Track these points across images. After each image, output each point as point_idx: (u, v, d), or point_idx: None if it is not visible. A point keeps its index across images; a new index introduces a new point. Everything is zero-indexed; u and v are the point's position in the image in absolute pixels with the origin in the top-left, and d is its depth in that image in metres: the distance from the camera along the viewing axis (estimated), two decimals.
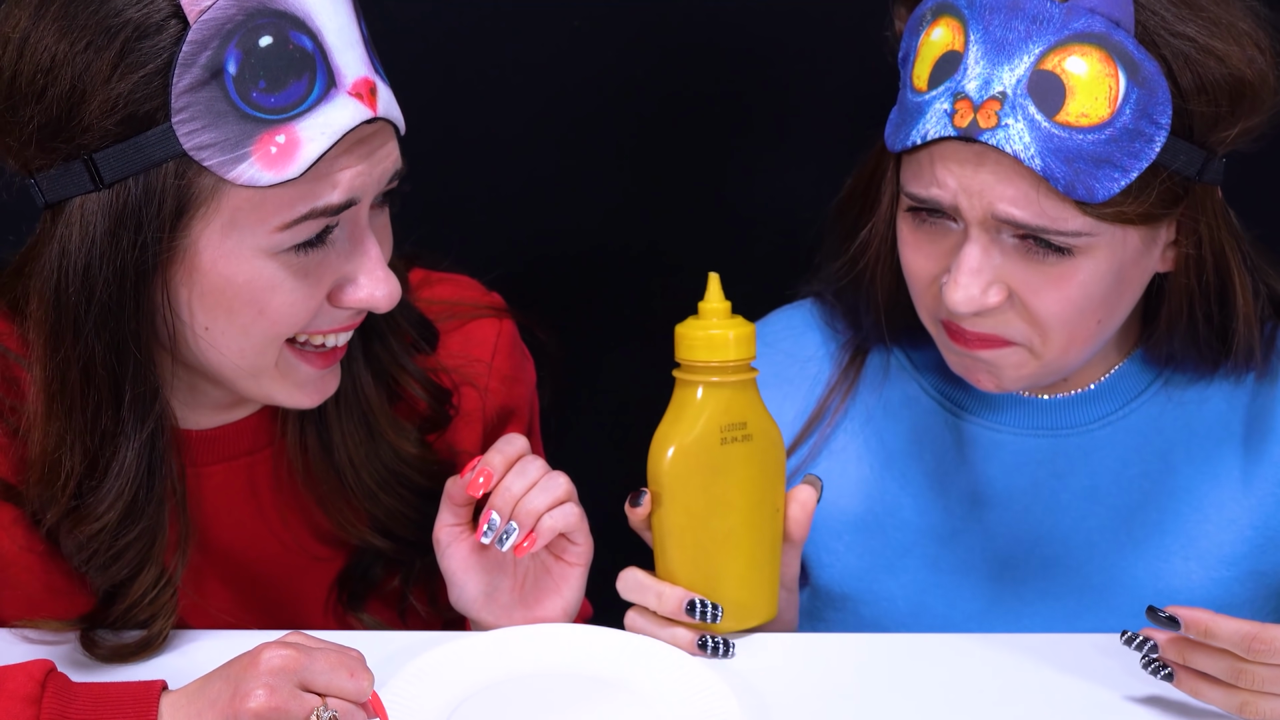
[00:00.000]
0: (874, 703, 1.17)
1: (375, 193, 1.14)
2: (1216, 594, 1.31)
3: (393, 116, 1.13)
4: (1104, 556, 1.33)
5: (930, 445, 1.36)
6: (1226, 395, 1.32)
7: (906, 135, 1.19)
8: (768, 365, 1.34)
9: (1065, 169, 1.13)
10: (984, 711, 1.16)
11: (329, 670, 1.03)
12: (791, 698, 1.16)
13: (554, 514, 1.18)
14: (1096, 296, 1.19)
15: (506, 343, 1.33)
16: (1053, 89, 1.13)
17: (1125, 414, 1.33)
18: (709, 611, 1.19)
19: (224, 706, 1.02)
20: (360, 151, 1.11)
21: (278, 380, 1.17)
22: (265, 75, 1.06)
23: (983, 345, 1.22)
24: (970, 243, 1.19)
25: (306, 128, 1.07)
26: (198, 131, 1.06)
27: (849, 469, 1.37)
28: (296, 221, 1.09)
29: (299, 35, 1.07)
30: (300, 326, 1.14)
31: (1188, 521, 1.32)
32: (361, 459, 1.25)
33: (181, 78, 1.05)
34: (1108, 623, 1.31)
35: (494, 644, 1.19)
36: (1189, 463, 1.32)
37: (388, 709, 1.09)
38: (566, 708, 1.14)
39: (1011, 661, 1.21)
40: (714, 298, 1.18)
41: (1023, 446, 1.33)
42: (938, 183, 1.18)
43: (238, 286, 1.11)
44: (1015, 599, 1.34)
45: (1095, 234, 1.16)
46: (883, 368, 1.37)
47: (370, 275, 1.14)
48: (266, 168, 1.07)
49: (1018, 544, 1.34)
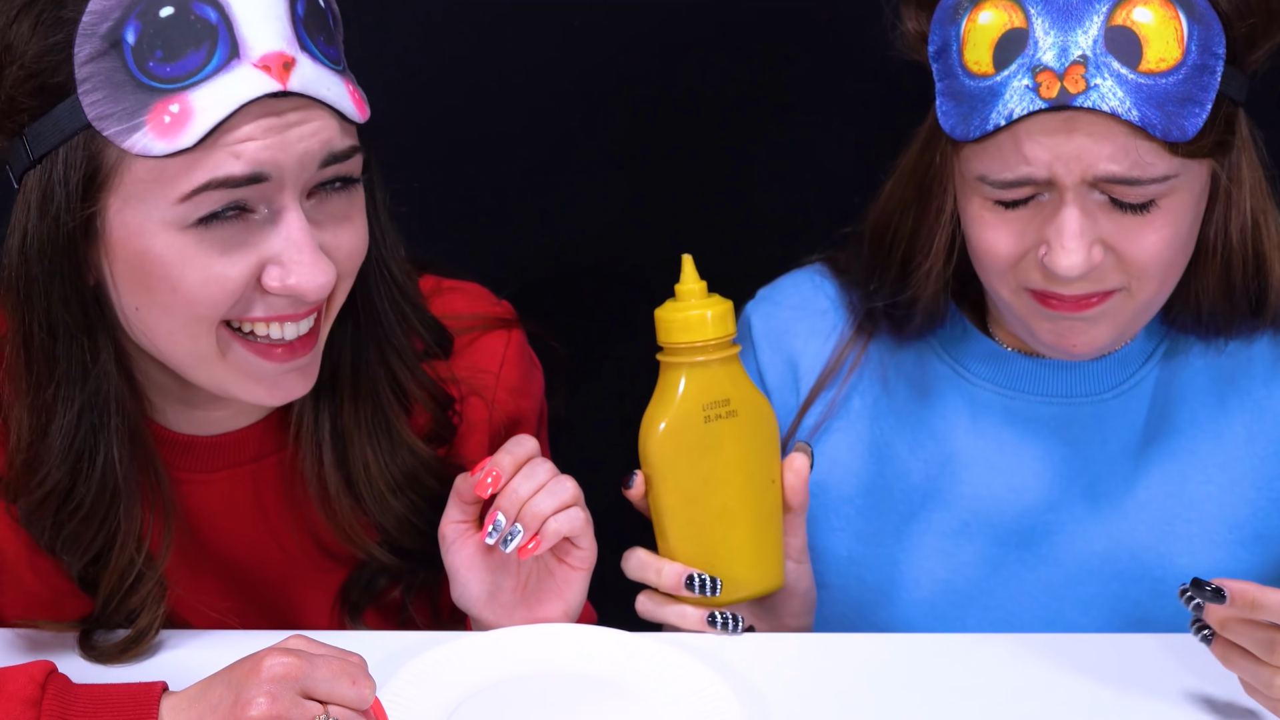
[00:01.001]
0: (875, 703, 1.17)
1: (301, 173, 1.11)
2: (1219, 557, 1.33)
3: (319, 95, 1.10)
4: (1110, 523, 1.34)
5: (940, 410, 1.37)
6: (1233, 353, 1.35)
7: (984, 120, 1.19)
8: (779, 323, 1.39)
9: (1159, 114, 1.16)
10: (986, 712, 1.16)
11: (331, 678, 1.03)
12: (792, 698, 1.17)
13: (559, 518, 1.18)
14: (1185, 231, 1.23)
15: (514, 353, 1.33)
16: (1129, 42, 1.16)
17: (1136, 382, 1.35)
18: (707, 585, 1.21)
19: (225, 713, 1.02)
20: (267, 124, 1.08)
21: (229, 372, 1.16)
22: (163, 45, 1.06)
23: (1082, 305, 1.23)
24: (1067, 208, 1.20)
25: (201, 97, 1.06)
26: (99, 102, 1.07)
27: (859, 432, 1.39)
28: (195, 192, 1.08)
29: (202, 6, 1.06)
30: (223, 309, 1.12)
31: (1190, 482, 1.33)
32: (379, 462, 1.25)
33: (83, 47, 1.07)
34: (1111, 588, 1.34)
35: (494, 644, 1.19)
36: (1193, 424, 1.34)
37: (388, 710, 1.09)
38: (566, 708, 1.15)
39: (1014, 661, 1.21)
40: (689, 279, 1.21)
41: (1036, 414, 1.35)
42: (1027, 160, 1.19)
43: (151, 262, 1.10)
44: (1020, 564, 1.35)
45: (1180, 174, 1.19)
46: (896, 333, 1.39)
47: (295, 257, 1.11)
48: (159, 136, 1.07)
49: (1025, 512, 1.35)
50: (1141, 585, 1.34)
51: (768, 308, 1.41)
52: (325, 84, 1.10)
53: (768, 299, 1.42)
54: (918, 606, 1.38)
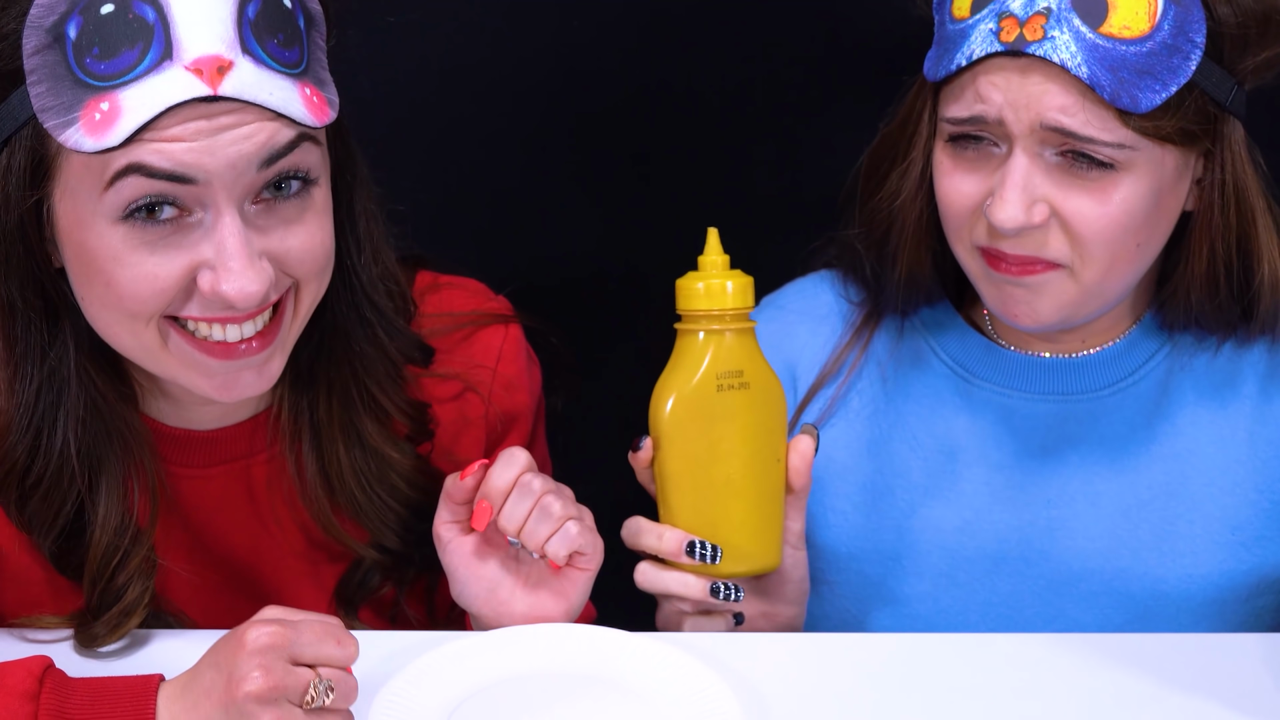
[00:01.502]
0: (874, 704, 1.18)
1: (237, 177, 1.11)
2: (1221, 558, 1.34)
3: (259, 100, 1.10)
4: (1110, 521, 1.36)
5: (940, 409, 1.40)
6: (1235, 359, 1.37)
7: (951, 60, 1.26)
8: (781, 326, 1.43)
9: (1110, 77, 1.19)
10: (985, 712, 1.17)
11: (316, 641, 1.04)
12: (791, 697, 1.18)
13: (555, 540, 1.19)
14: (1138, 215, 1.24)
15: (510, 349, 1.35)
16: (1096, 3, 1.20)
17: (1134, 380, 1.37)
18: (708, 552, 1.23)
19: (220, 695, 1.03)
20: (198, 128, 1.09)
21: (179, 366, 1.17)
22: (100, 42, 1.07)
23: (1024, 270, 1.26)
24: (1014, 158, 1.23)
25: (130, 97, 1.07)
26: (42, 95, 1.09)
27: (860, 429, 1.42)
28: (115, 178, 1.09)
29: (141, 6, 1.07)
30: (155, 306, 1.13)
31: (1192, 484, 1.35)
32: (351, 463, 1.26)
33: (29, 39, 1.08)
34: (1113, 586, 1.35)
35: (494, 644, 1.20)
36: (1195, 425, 1.36)
37: (388, 711, 1.11)
38: (566, 707, 1.15)
39: (1013, 661, 1.22)
40: (713, 250, 1.24)
41: (1032, 411, 1.37)
42: (982, 99, 1.24)
43: (89, 254, 1.12)
44: (1021, 561, 1.37)
45: (1136, 148, 1.22)
46: (896, 332, 1.42)
47: (223, 263, 1.11)
48: (89, 133, 1.08)
49: (1024, 507, 1.37)
50: (1143, 583, 1.35)
51: (772, 312, 1.45)
52: (268, 88, 1.10)
53: (772, 304, 1.46)
54: (919, 603, 1.40)
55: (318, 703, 1.04)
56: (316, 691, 1.04)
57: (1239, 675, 1.20)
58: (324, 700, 1.04)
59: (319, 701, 1.04)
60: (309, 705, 1.04)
